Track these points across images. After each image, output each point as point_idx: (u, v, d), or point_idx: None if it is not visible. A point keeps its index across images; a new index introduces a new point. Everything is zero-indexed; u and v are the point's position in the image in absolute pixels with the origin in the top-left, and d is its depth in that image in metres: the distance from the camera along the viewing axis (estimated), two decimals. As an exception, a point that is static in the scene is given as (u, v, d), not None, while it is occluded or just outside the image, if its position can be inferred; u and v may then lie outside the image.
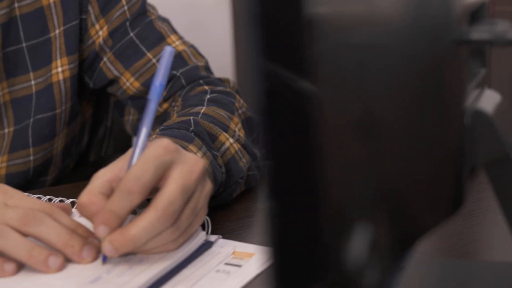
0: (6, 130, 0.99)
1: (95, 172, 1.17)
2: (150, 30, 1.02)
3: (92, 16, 1.01)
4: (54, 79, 1.00)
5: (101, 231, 0.65)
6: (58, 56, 1.00)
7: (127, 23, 1.01)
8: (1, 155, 0.99)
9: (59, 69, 1.00)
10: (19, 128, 0.99)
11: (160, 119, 1.02)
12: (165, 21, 1.06)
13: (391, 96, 0.39)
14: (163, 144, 0.68)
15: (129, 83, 1.01)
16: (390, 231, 0.41)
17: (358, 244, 0.37)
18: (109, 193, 0.68)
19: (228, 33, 2.16)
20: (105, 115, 1.22)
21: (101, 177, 0.69)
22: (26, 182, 1.01)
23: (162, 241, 0.67)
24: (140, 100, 1.03)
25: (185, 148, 0.76)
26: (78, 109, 1.05)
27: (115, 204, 0.65)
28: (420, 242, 0.48)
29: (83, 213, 0.68)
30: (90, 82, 1.04)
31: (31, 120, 0.99)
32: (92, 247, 0.69)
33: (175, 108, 0.98)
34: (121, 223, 0.66)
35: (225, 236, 0.76)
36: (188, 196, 0.67)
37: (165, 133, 0.81)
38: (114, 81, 1.02)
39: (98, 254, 0.69)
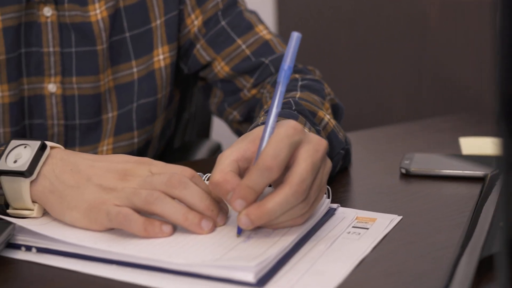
0: (110, 115, 1.07)
1: (181, 156, 1.25)
2: (240, 19, 1.09)
3: (189, 7, 1.08)
4: (156, 66, 1.07)
5: (238, 205, 0.70)
6: (159, 45, 1.07)
7: (219, 13, 1.08)
8: (107, 138, 1.07)
9: (161, 57, 1.07)
10: (122, 112, 1.07)
11: (248, 104, 1.09)
12: (253, 12, 1.13)
13: None
14: (292, 124, 0.73)
15: (220, 67, 1.08)
16: None
17: None
18: (237, 171, 0.73)
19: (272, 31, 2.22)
20: (189, 101, 1.29)
21: (229, 157, 0.73)
22: (129, 163, 1.08)
23: (292, 215, 0.72)
24: (228, 83, 1.09)
25: None
26: (173, 94, 1.13)
27: (252, 180, 0.70)
28: None
29: (216, 191, 0.72)
30: (185, 68, 1.11)
31: (135, 104, 1.07)
32: (225, 213, 0.76)
33: (267, 95, 1.04)
34: (256, 199, 0.71)
35: (342, 205, 0.83)
36: (315, 173, 0.72)
37: None
38: (207, 65, 1.10)
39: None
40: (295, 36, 0.75)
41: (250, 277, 0.64)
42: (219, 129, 1.54)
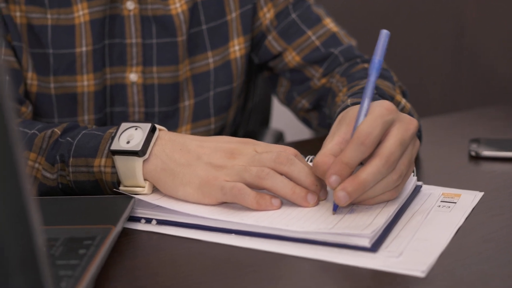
0: (187, 103, 1.13)
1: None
2: (309, 13, 1.16)
3: (261, 1, 1.15)
4: (232, 56, 1.14)
5: (333, 181, 0.76)
6: (235, 36, 1.13)
7: (290, 6, 1.15)
8: (184, 124, 1.13)
9: (236, 48, 1.14)
10: (199, 100, 1.13)
11: (317, 93, 1.15)
12: (320, 7, 1.20)
13: None
14: (385, 105, 0.79)
15: (291, 57, 1.15)
16: None
17: None
18: (339, 154, 0.78)
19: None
20: (252, 91, 1.35)
21: (331, 141, 0.80)
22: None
23: (386, 187, 0.78)
24: (297, 73, 1.16)
25: None
26: (244, 83, 1.19)
27: (347, 155, 0.76)
28: None
29: (317, 172, 0.79)
30: (256, 58, 1.18)
31: (212, 93, 1.13)
32: (326, 189, 0.82)
33: (338, 84, 1.10)
34: (350, 174, 0.77)
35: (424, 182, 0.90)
36: (404, 149, 0.79)
37: (357, 96, 0.93)
38: (277, 56, 1.16)
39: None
40: (384, 33, 0.83)
41: (366, 242, 0.71)
42: (278, 118, 1.61)
